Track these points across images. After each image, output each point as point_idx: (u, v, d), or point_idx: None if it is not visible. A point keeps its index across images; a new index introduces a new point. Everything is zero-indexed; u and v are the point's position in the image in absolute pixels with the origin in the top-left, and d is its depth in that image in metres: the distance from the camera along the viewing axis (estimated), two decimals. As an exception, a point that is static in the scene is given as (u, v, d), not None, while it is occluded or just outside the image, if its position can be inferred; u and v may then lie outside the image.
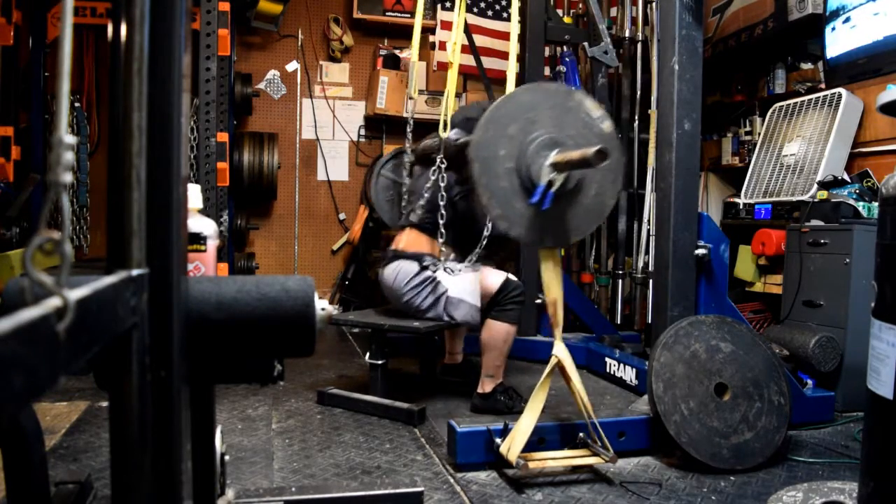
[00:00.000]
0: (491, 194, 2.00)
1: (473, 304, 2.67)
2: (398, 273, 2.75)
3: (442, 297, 2.69)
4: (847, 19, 3.23)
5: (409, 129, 3.22)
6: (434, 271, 2.73)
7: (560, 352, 2.14)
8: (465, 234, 2.82)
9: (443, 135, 2.80)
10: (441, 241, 2.74)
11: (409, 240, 2.85)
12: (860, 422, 2.56)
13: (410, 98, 3.30)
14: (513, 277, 2.74)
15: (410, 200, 2.97)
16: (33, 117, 4.25)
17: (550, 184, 1.97)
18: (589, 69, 4.02)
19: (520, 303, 2.69)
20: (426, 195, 2.85)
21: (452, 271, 2.73)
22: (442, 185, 2.74)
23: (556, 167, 1.97)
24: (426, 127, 3.68)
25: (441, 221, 2.71)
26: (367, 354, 2.81)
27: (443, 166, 2.76)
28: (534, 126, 2.03)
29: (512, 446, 2.00)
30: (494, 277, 2.71)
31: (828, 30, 3.38)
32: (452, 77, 2.98)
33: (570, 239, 2.16)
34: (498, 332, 2.65)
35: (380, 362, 2.77)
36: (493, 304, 2.69)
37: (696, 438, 2.12)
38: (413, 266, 2.73)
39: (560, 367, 2.13)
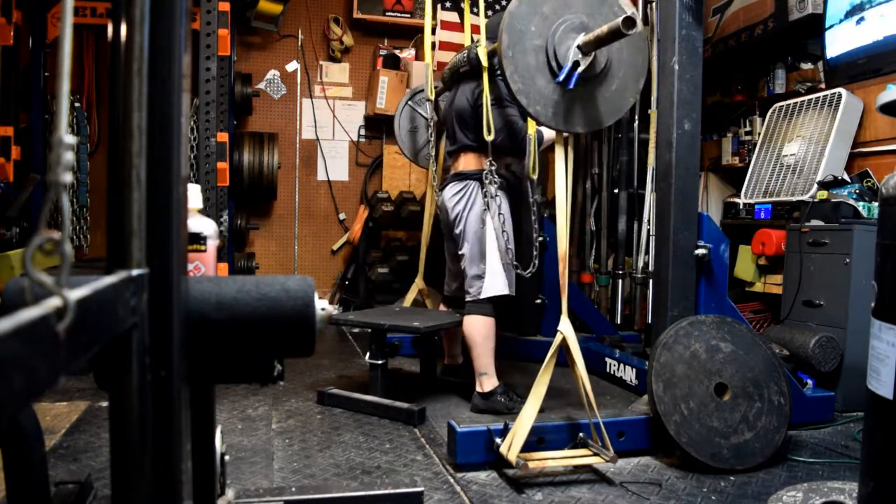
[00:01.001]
0: (515, 68, 2.01)
1: (479, 272, 2.70)
2: (464, 192, 2.78)
3: (481, 240, 2.71)
4: (861, 19, 3.20)
5: (429, 132, 3.28)
6: (493, 192, 2.71)
7: (565, 328, 2.13)
8: (514, 143, 2.80)
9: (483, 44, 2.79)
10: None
11: (464, 162, 2.86)
12: (860, 422, 2.56)
13: (428, 101, 3.35)
14: (513, 287, 2.75)
15: (452, 122, 2.94)
16: (33, 117, 4.25)
17: (576, 64, 1.99)
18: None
19: (497, 301, 2.71)
20: (459, 114, 2.86)
21: (501, 211, 2.73)
22: (473, 100, 2.75)
23: (584, 48, 1.99)
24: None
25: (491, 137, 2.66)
26: (367, 354, 2.81)
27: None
28: (568, 8, 2.06)
29: (512, 446, 2.00)
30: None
31: (834, 28, 3.37)
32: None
33: (584, 126, 2.15)
34: (476, 326, 2.66)
35: (380, 362, 2.77)
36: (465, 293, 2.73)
37: (696, 438, 2.12)
38: (476, 187, 2.76)
39: (564, 345, 2.12)
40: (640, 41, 2.17)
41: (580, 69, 2.00)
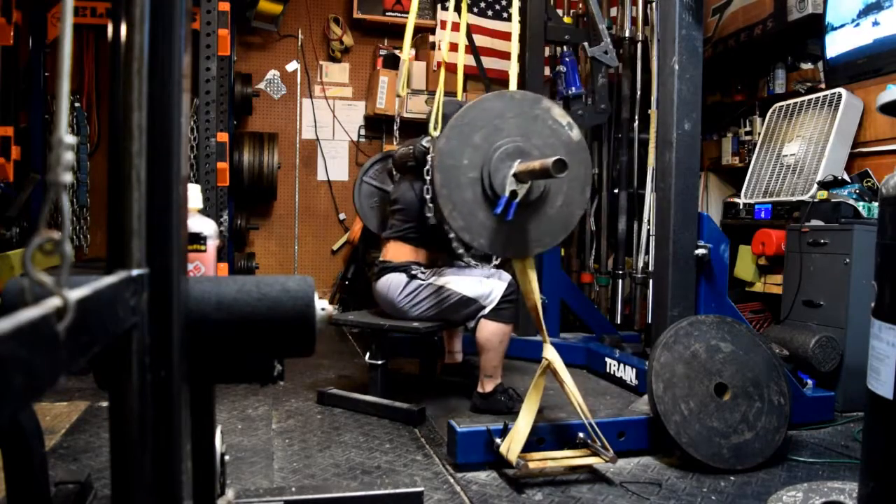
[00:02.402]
0: (453, 206, 1.98)
1: (481, 304, 2.67)
2: (389, 285, 2.77)
3: (448, 299, 2.69)
4: (875, 23, 3.19)
5: (396, 128, 3.18)
6: (424, 278, 2.72)
7: (550, 354, 2.16)
8: (447, 240, 2.80)
9: (434, 133, 2.76)
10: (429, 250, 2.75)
11: (393, 251, 2.85)
12: (860, 422, 2.56)
13: (398, 96, 3.28)
14: (504, 275, 2.74)
15: (392, 210, 2.95)
16: (33, 117, 4.25)
17: (514, 194, 1.96)
18: (589, 69, 4.01)
19: (513, 301, 2.69)
20: (400, 205, 2.86)
21: (442, 275, 2.72)
22: (418, 194, 2.73)
23: (519, 177, 1.95)
24: (425, 127, 3.67)
25: (429, 225, 2.67)
26: (367, 354, 2.81)
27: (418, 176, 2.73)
28: (499, 134, 2.00)
29: (512, 446, 2.00)
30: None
31: (838, 30, 3.35)
32: (443, 78, 2.96)
33: (533, 251, 2.13)
34: (493, 332, 2.64)
35: (380, 362, 2.77)
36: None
37: (696, 438, 2.12)
38: (401, 277, 2.74)
39: (552, 369, 2.15)
40: (582, 152, 2.12)
41: (518, 199, 1.96)
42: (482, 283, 2.67)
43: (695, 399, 2.17)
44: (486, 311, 2.66)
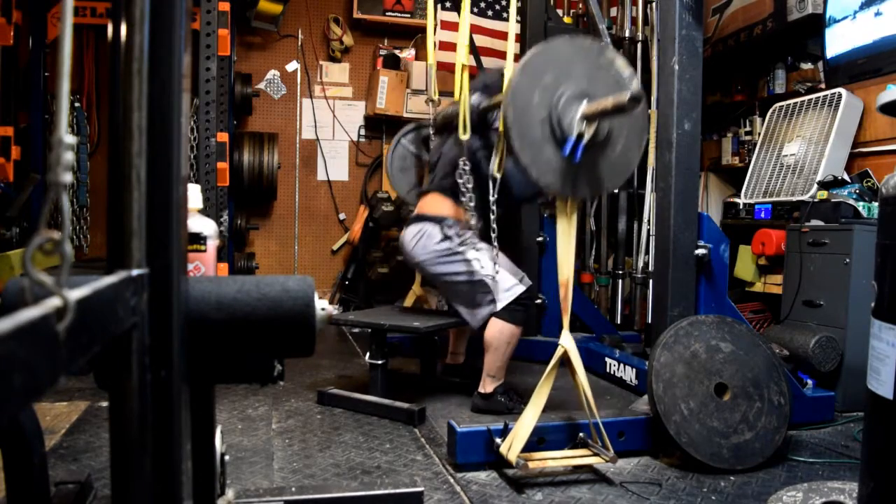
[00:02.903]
0: (523, 142, 2.02)
1: (494, 296, 2.65)
2: (422, 234, 2.73)
3: (475, 274, 2.64)
4: (878, 13, 3.18)
5: (432, 132, 3.19)
6: (459, 243, 2.67)
7: (567, 342, 2.12)
8: (486, 202, 2.73)
9: (463, 137, 2.72)
10: (468, 206, 2.64)
11: (430, 203, 2.81)
12: (860, 422, 2.56)
13: (431, 101, 3.27)
14: (527, 279, 2.73)
15: (432, 169, 2.91)
16: (33, 117, 4.25)
17: (580, 136, 2.00)
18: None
19: (526, 305, 2.68)
20: (443, 161, 2.83)
21: (476, 248, 2.67)
22: (468, 149, 2.67)
23: (588, 118, 2.00)
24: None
25: (469, 186, 2.61)
26: (367, 354, 2.81)
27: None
28: (568, 77, 2.06)
29: (512, 446, 2.00)
30: (509, 276, 2.70)
31: (843, 22, 3.34)
32: (464, 79, 2.91)
33: (598, 190, 2.18)
34: (502, 332, 2.63)
35: (380, 362, 2.77)
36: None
37: (696, 438, 2.12)
38: (435, 230, 2.70)
39: (566, 358, 2.12)
40: (642, 98, 2.17)
41: (585, 140, 2.01)
42: (506, 276, 2.65)
43: (695, 399, 2.17)
44: (498, 306, 2.63)
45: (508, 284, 2.64)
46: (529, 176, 2.06)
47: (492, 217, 2.54)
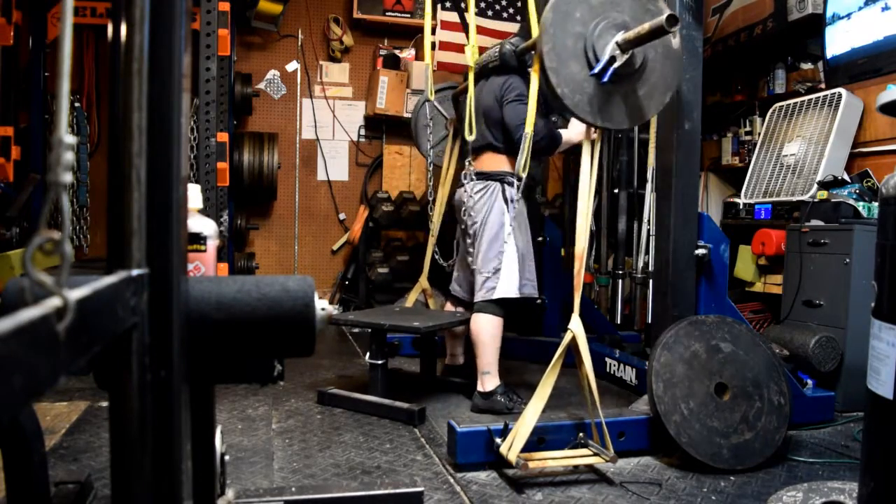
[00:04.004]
0: (553, 46, 2.03)
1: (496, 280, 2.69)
2: (488, 192, 2.77)
3: (503, 251, 2.70)
4: (886, 7, 3.17)
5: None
6: (517, 208, 2.72)
7: (576, 326, 2.12)
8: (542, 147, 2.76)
9: (469, 138, 2.77)
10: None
11: (487, 161, 2.84)
12: (860, 422, 2.56)
13: (427, 101, 3.33)
14: (529, 288, 2.75)
15: (479, 119, 2.87)
16: (33, 117, 4.25)
17: (613, 59, 2.02)
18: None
19: (512, 304, 2.70)
20: (483, 111, 2.84)
21: (514, 201, 2.73)
22: (496, 91, 2.72)
23: (623, 46, 2.01)
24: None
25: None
26: (367, 354, 2.81)
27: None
28: (614, 7, 2.09)
29: (512, 446, 2.00)
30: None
31: (849, 17, 3.33)
32: (471, 81, 2.91)
33: (607, 121, 2.15)
34: (485, 325, 2.65)
35: (380, 362, 2.77)
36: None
37: (696, 438, 2.12)
38: (498, 190, 2.75)
39: (573, 344, 2.11)
40: (676, 54, 2.19)
41: (616, 64, 2.02)
42: (513, 267, 2.68)
43: (695, 399, 2.17)
44: (493, 294, 2.67)
45: (513, 285, 2.67)
46: (548, 83, 2.06)
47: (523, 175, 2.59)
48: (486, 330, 2.66)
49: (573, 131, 2.81)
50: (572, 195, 3.64)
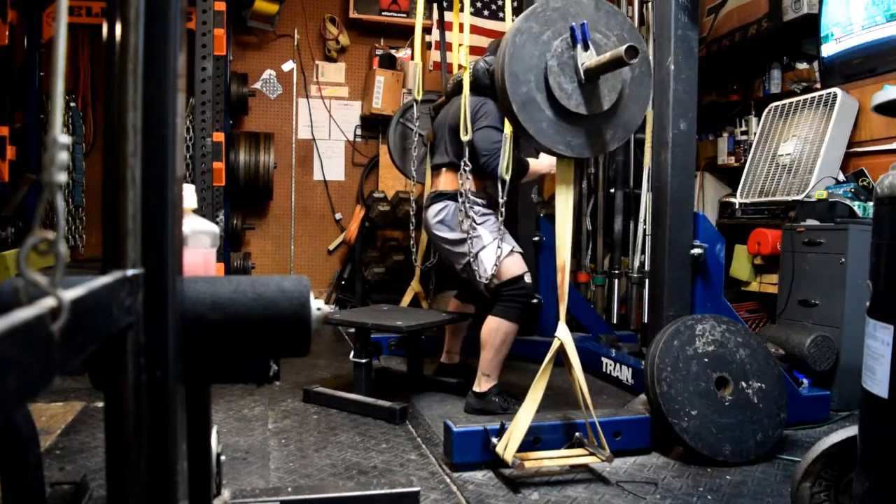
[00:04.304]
0: (517, 97, 1.96)
1: (485, 274, 2.69)
2: (447, 213, 2.79)
3: (476, 247, 2.72)
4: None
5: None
6: (470, 215, 2.72)
7: (563, 334, 2.12)
8: (493, 169, 2.73)
9: (465, 138, 2.72)
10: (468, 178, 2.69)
11: (445, 180, 2.87)
12: (855, 420, 2.57)
13: (415, 101, 3.40)
14: (528, 277, 2.73)
15: (444, 136, 2.91)
16: (29, 117, 4.24)
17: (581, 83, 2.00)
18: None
19: (523, 302, 2.68)
20: (448, 127, 2.85)
21: (476, 223, 2.73)
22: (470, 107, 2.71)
23: (587, 74, 1.98)
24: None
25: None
26: (352, 353, 2.80)
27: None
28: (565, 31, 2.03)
29: (508, 445, 2.00)
30: (515, 266, 2.70)
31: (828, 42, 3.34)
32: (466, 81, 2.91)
33: (597, 150, 2.12)
34: (498, 329, 2.63)
35: (363, 361, 2.76)
36: (496, 295, 2.68)
37: (693, 437, 2.13)
38: (453, 207, 2.78)
39: (562, 351, 2.11)
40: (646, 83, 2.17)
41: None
42: (505, 259, 2.67)
43: (691, 398, 2.17)
44: (490, 272, 2.67)
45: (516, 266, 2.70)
46: (524, 133, 2.00)
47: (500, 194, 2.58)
48: (498, 335, 2.64)
49: (542, 162, 2.86)
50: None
